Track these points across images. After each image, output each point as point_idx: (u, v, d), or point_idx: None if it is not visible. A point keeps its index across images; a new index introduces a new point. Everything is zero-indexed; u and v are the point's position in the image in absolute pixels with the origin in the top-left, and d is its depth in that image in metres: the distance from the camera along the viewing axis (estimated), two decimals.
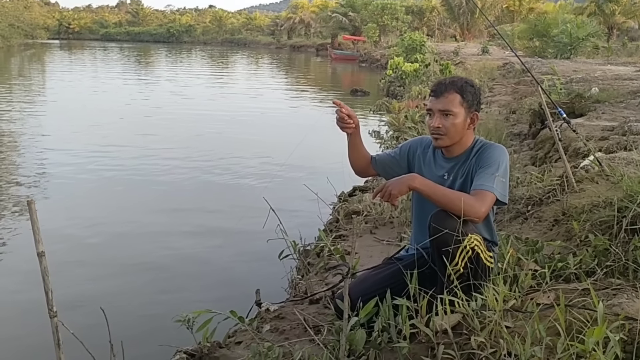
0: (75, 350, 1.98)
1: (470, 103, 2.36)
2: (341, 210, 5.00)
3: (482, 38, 37.50)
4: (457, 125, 2.34)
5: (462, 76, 2.56)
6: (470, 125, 2.38)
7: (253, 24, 73.35)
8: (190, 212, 6.26)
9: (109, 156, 8.69)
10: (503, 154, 2.34)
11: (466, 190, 2.28)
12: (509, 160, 2.39)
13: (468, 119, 2.36)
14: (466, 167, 2.37)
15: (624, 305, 2.02)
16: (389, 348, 2.19)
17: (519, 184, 4.44)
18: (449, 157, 2.43)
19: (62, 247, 4.95)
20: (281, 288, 3.79)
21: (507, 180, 2.30)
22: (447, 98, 2.34)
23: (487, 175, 2.25)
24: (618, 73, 11.75)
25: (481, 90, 2.51)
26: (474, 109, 2.37)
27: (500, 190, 2.24)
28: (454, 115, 2.33)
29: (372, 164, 2.60)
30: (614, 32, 29.83)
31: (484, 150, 2.36)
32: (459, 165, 2.40)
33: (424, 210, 2.40)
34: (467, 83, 2.39)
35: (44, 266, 1.67)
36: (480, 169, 2.30)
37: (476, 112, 2.39)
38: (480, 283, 2.17)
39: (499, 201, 2.25)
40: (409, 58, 19.93)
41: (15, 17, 46.80)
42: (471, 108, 2.36)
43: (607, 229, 2.77)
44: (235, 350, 2.58)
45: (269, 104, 15.87)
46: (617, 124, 5.72)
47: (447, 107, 2.33)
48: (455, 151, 2.41)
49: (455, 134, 2.35)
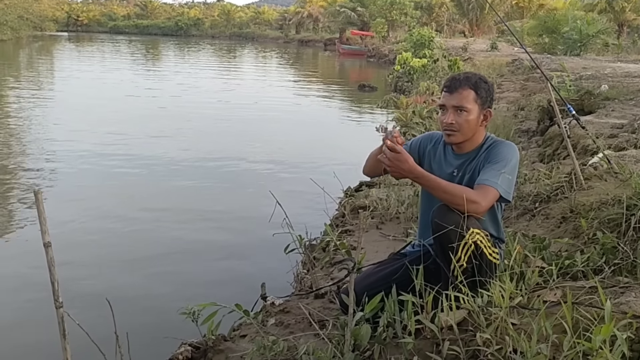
0: (81, 341, 1.99)
1: (484, 100, 2.34)
2: (347, 205, 4.99)
3: (491, 34, 37.25)
4: (471, 121, 2.32)
5: (475, 72, 2.52)
6: (483, 122, 2.36)
7: (261, 18, 73.21)
8: (196, 205, 6.27)
9: (116, 148, 8.72)
10: (513, 152, 2.32)
11: (472, 186, 2.26)
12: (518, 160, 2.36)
13: (481, 116, 2.34)
14: (475, 164, 2.36)
15: (631, 303, 2.00)
16: (394, 343, 2.19)
17: (527, 180, 4.42)
18: (459, 154, 2.41)
19: (69, 238, 4.98)
20: (287, 282, 3.80)
21: (513, 178, 2.28)
22: (461, 94, 2.32)
23: (493, 171, 2.24)
24: (628, 70, 11.64)
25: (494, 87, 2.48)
26: (487, 106, 2.36)
27: (505, 187, 2.22)
28: (468, 111, 2.31)
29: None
30: (625, 29, 29.52)
31: (494, 147, 2.34)
32: (468, 162, 2.38)
33: (431, 206, 2.38)
34: (481, 79, 2.37)
35: (50, 257, 1.67)
36: (487, 164, 2.29)
37: (489, 109, 2.37)
38: (486, 280, 2.16)
39: (502, 198, 2.24)
40: (417, 53, 19.84)
41: (24, 9, 46.91)
42: (485, 105, 2.34)
43: (615, 227, 2.75)
44: (240, 344, 2.59)
45: (276, 99, 15.86)
46: (627, 121, 5.67)
47: (461, 103, 2.31)
48: (466, 148, 2.39)
49: (469, 131, 2.33)
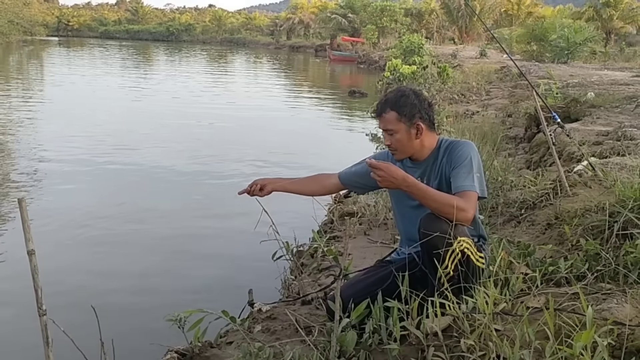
0: (66, 349, 1.98)
1: (409, 116, 2.35)
2: (336, 212, 5.01)
3: (480, 41, 37.54)
4: (402, 140, 2.37)
5: (401, 87, 2.52)
6: (417, 135, 2.37)
7: (252, 24, 73.31)
8: (182, 212, 6.25)
9: (105, 153, 8.68)
10: (471, 149, 2.36)
11: (443, 191, 2.30)
12: (479, 155, 2.40)
13: (413, 131, 2.36)
14: (438, 168, 2.40)
15: (613, 310, 2.02)
16: (379, 350, 2.20)
17: (513, 187, 4.45)
18: (417, 163, 2.46)
19: (53, 245, 4.94)
20: (274, 288, 3.80)
21: (482, 175, 2.33)
22: (384, 118, 2.39)
23: (464, 174, 2.28)
24: (614, 78, 11.78)
25: (426, 97, 2.47)
26: (417, 119, 2.36)
27: (480, 187, 2.28)
28: (395, 131, 2.36)
29: (341, 181, 2.68)
30: (612, 37, 29.89)
31: (453, 148, 2.38)
32: (429, 167, 2.42)
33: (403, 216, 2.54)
34: (403, 95, 2.37)
35: (33, 264, 1.67)
36: (454, 169, 2.32)
37: (420, 121, 2.36)
38: (471, 285, 2.18)
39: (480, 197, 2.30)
40: (407, 60, 19.94)
41: (15, 13, 46.60)
42: (412, 120, 2.35)
43: (599, 234, 2.79)
44: (226, 350, 2.58)
45: (266, 105, 15.86)
46: (612, 129, 5.74)
47: (386, 126, 2.39)
48: (421, 156, 2.44)
49: (405, 148, 2.39)
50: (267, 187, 2.64)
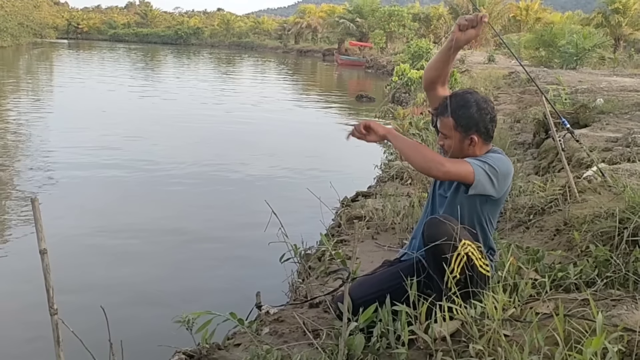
0: (75, 348, 1.99)
1: (466, 127, 2.34)
2: (343, 215, 5.01)
3: (488, 46, 37.46)
4: (454, 146, 2.36)
5: (467, 94, 2.40)
6: (470, 145, 2.37)
7: (261, 28, 73.53)
8: (191, 215, 6.27)
9: (114, 156, 8.73)
10: (501, 161, 2.34)
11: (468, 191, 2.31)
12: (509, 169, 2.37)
13: (467, 141, 2.36)
14: None
15: (623, 316, 2.02)
16: (387, 354, 2.20)
17: (522, 192, 4.44)
18: None
19: (65, 245, 4.97)
20: (282, 291, 3.80)
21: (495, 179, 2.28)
22: (442, 121, 2.39)
23: (478, 160, 2.29)
24: (624, 84, 11.72)
25: (489, 109, 2.38)
26: (473, 131, 2.34)
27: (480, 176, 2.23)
28: (449, 137, 2.37)
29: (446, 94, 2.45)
30: (621, 43, 29.74)
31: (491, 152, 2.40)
32: None
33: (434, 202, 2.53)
34: (465, 106, 2.34)
35: (45, 264, 1.68)
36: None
37: (476, 134, 2.35)
38: (478, 291, 2.18)
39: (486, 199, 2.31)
40: (415, 65, 19.92)
41: (25, 16, 47.07)
42: (468, 132, 2.34)
43: (608, 240, 2.78)
44: (234, 353, 2.59)
45: (274, 108, 15.89)
46: (621, 135, 5.71)
47: (442, 129, 2.40)
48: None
49: (455, 153, 2.38)
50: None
